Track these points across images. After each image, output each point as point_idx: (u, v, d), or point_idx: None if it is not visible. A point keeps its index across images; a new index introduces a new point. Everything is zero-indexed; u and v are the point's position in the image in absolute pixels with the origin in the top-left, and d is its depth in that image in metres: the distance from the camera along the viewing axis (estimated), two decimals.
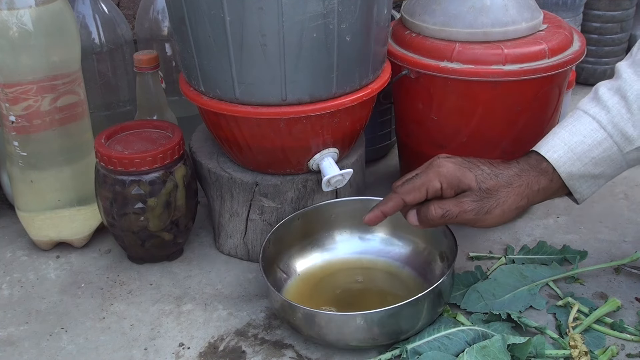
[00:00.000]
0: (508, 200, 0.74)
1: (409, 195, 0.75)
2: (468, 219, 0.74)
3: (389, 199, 0.76)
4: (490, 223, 0.75)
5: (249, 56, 0.74)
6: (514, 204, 0.74)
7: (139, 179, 0.81)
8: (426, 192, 0.74)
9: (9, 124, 0.83)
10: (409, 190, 0.75)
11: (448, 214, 0.73)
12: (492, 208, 0.73)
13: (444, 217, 0.73)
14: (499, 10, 0.84)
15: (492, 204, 0.73)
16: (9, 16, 0.78)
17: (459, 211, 0.73)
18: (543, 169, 0.75)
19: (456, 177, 0.74)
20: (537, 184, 0.75)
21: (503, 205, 0.74)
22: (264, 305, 0.81)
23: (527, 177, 0.75)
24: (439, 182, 0.74)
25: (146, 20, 1.07)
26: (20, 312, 0.81)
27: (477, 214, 0.73)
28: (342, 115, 0.80)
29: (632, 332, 0.75)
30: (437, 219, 0.74)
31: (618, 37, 1.36)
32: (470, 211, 0.73)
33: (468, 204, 0.73)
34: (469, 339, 0.71)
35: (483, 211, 0.73)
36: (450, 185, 0.74)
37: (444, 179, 0.74)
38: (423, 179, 0.74)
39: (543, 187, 0.75)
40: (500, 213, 0.74)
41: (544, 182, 0.75)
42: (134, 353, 0.75)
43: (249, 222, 0.86)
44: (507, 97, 0.85)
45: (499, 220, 0.74)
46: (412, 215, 0.76)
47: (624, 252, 0.89)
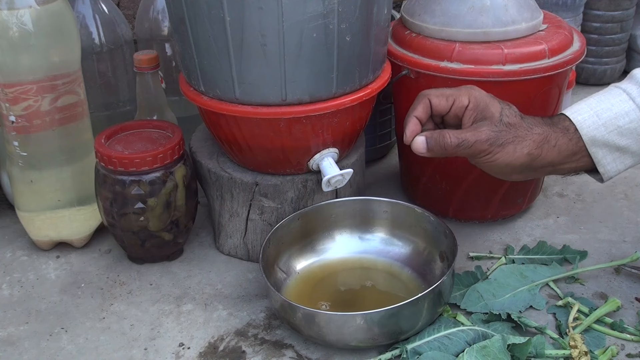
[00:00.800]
0: (524, 141, 0.72)
1: (435, 98, 0.74)
2: (482, 149, 0.72)
3: (417, 103, 0.75)
4: (500, 160, 0.72)
5: (249, 56, 0.74)
6: (527, 147, 0.72)
7: (139, 179, 0.81)
8: (452, 104, 0.74)
9: (9, 124, 0.83)
10: (437, 94, 0.74)
11: (464, 142, 0.72)
12: (507, 142, 0.72)
13: (459, 145, 0.72)
14: (499, 10, 0.84)
15: (508, 138, 0.72)
16: (9, 16, 0.78)
17: (475, 139, 0.72)
18: (565, 127, 0.74)
19: (484, 101, 0.73)
20: (554, 139, 0.73)
21: (518, 144, 0.72)
22: (264, 305, 0.81)
23: (547, 129, 0.73)
24: (468, 99, 0.73)
25: (146, 20, 1.07)
26: (20, 312, 0.81)
27: (491, 144, 0.72)
28: (342, 115, 0.80)
29: (632, 332, 0.75)
30: (451, 147, 0.72)
31: (618, 37, 1.36)
32: (485, 140, 0.72)
33: (485, 133, 0.72)
34: (469, 339, 0.71)
35: (498, 143, 0.72)
36: (476, 106, 0.73)
37: (473, 98, 0.73)
38: (453, 91, 0.74)
39: (559, 145, 0.73)
40: (512, 150, 0.72)
41: (563, 140, 0.73)
42: (134, 353, 0.75)
43: (249, 222, 0.86)
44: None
45: (510, 158, 0.72)
46: (420, 142, 0.74)
47: (624, 252, 0.89)
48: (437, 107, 0.74)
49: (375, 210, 0.87)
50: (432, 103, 0.74)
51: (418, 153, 0.74)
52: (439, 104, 0.74)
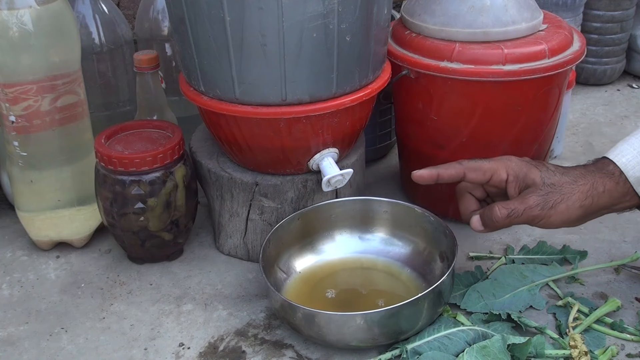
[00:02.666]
0: (573, 196, 0.73)
1: (472, 173, 0.75)
2: (534, 215, 0.73)
3: (451, 166, 0.76)
4: (555, 220, 0.73)
5: (249, 56, 0.74)
6: (578, 200, 0.73)
7: (139, 179, 0.81)
8: (490, 177, 0.75)
9: (9, 124, 0.83)
10: (474, 168, 0.75)
11: (513, 212, 0.73)
12: (556, 203, 0.72)
13: (509, 216, 0.73)
14: (499, 10, 0.84)
15: (556, 199, 0.72)
16: (9, 16, 0.78)
17: (524, 208, 0.72)
18: (609, 171, 0.74)
19: (523, 170, 0.74)
20: (602, 185, 0.73)
21: (568, 201, 0.72)
22: (264, 305, 0.81)
23: (591, 178, 0.74)
24: (506, 173, 0.74)
25: (146, 20, 1.07)
26: (20, 312, 0.81)
27: (542, 208, 0.72)
28: (342, 115, 0.80)
29: (632, 332, 0.75)
30: (502, 220, 0.73)
31: (618, 37, 1.36)
32: (535, 206, 0.72)
33: (532, 199, 0.73)
34: (469, 339, 0.71)
35: (548, 205, 0.72)
36: (516, 178, 0.74)
37: (511, 170, 0.74)
38: (491, 164, 0.75)
39: (609, 189, 0.73)
40: (565, 208, 0.72)
41: (610, 184, 0.73)
42: (134, 353, 0.75)
43: (249, 222, 0.86)
44: (507, 97, 0.85)
45: (564, 216, 0.73)
46: (475, 220, 0.76)
47: (624, 252, 0.89)
48: (472, 180, 0.76)
49: (375, 210, 0.87)
50: (466, 177, 0.76)
51: (477, 231, 0.76)
52: (474, 178, 0.76)
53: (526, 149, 0.90)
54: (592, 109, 1.32)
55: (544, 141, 0.92)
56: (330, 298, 0.81)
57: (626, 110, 1.31)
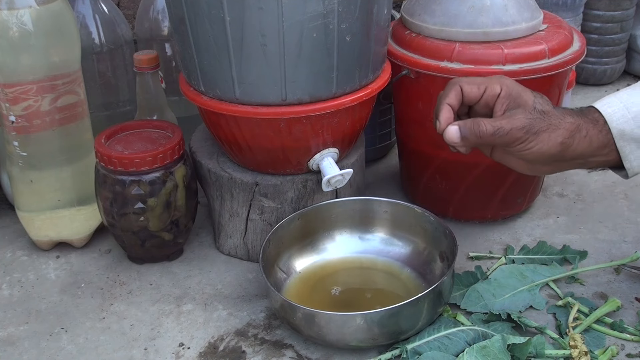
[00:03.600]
0: (558, 130, 0.71)
1: (467, 86, 0.73)
2: (517, 136, 0.70)
3: (449, 90, 0.73)
4: (533, 148, 0.71)
5: (249, 56, 0.74)
6: (561, 136, 0.71)
7: (139, 179, 0.81)
8: (484, 91, 0.72)
9: (9, 124, 0.83)
10: (469, 82, 0.73)
11: (500, 130, 0.70)
12: (541, 130, 0.71)
13: (494, 134, 0.70)
14: (499, 10, 0.84)
15: (542, 126, 0.71)
16: (9, 16, 0.78)
17: (510, 127, 0.70)
18: (594, 118, 0.73)
19: (516, 89, 0.72)
20: (585, 130, 0.72)
21: (552, 132, 0.71)
22: (264, 305, 0.81)
23: (579, 119, 0.72)
24: (500, 87, 0.72)
25: (146, 20, 1.07)
26: (20, 312, 0.81)
27: (527, 132, 0.70)
28: (342, 115, 0.80)
29: (632, 332, 0.75)
30: (487, 135, 0.71)
31: (618, 37, 1.36)
32: (521, 128, 0.70)
33: (520, 120, 0.70)
34: (469, 339, 0.71)
35: (533, 130, 0.70)
36: (509, 94, 0.72)
37: (505, 86, 0.72)
38: (485, 79, 0.73)
39: (590, 136, 0.72)
40: (547, 138, 0.71)
41: (593, 131, 0.72)
42: (134, 353, 0.75)
43: (249, 222, 0.86)
44: None
45: (543, 147, 0.71)
46: (453, 130, 0.72)
47: (624, 252, 0.89)
48: (468, 95, 0.73)
49: (375, 210, 0.87)
50: (463, 90, 0.73)
51: (451, 143, 0.73)
52: (470, 92, 0.73)
53: None
54: None
55: None
56: (334, 295, 0.81)
57: None
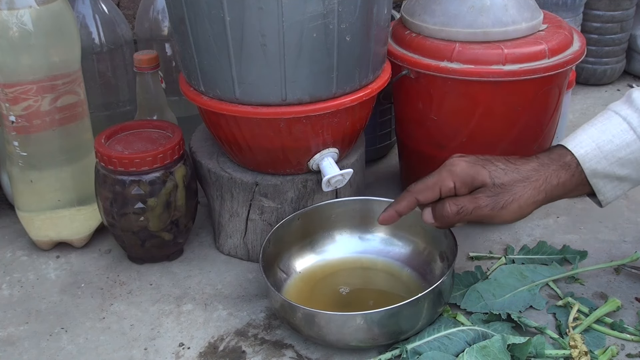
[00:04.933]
0: (525, 195, 0.73)
1: (422, 194, 0.75)
2: (484, 214, 0.73)
3: (402, 199, 0.76)
4: (507, 218, 0.73)
5: (249, 56, 0.74)
6: (530, 198, 0.73)
7: (139, 179, 0.81)
8: (439, 191, 0.74)
9: (9, 124, 0.83)
10: (422, 189, 0.75)
11: (463, 210, 0.73)
12: (507, 203, 0.72)
13: (459, 213, 0.73)
14: (499, 10, 0.84)
15: (507, 199, 0.72)
16: (9, 16, 0.78)
17: (473, 207, 0.73)
18: (566, 162, 0.74)
19: (469, 175, 0.74)
20: (556, 178, 0.74)
21: (520, 200, 0.73)
22: (264, 305, 0.81)
23: (545, 172, 0.74)
24: (452, 181, 0.74)
25: (146, 20, 1.07)
26: (20, 312, 0.81)
27: (492, 209, 0.72)
28: (342, 115, 0.80)
29: (632, 332, 0.75)
30: (452, 216, 0.73)
31: (618, 37, 1.36)
32: (485, 206, 0.72)
33: (482, 200, 0.73)
34: (469, 339, 0.71)
35: (498, 206, 0.72)
36: (464, 184, 0.74)
37: (457, 177, 0.74)
38: (436, 179, 0.74)
39: (563, 182, 0.74)
40: (517, 208, 0.73)
41: (565, 176, 0.74)
42: (134, 353, 0.75)
43: (249, 222, 0.86)
44: (507, 97, 0.85)
45: (516, 214, 0.73)
46: (427, 213, 0.75)
47: (624, 252, 0.89)
48: (426, 201, 0.75)
49: (375, 210, 0.86)
50: (419, 200, 0.75)
51: (428, 224, 0.76)
52: (426, 198, 0.75)
53: (526, 149, 0.90)
54: (592, 109, 1.32)
55: (543, 141, 0.92)
56: (337, 295, 0.81)
57: None
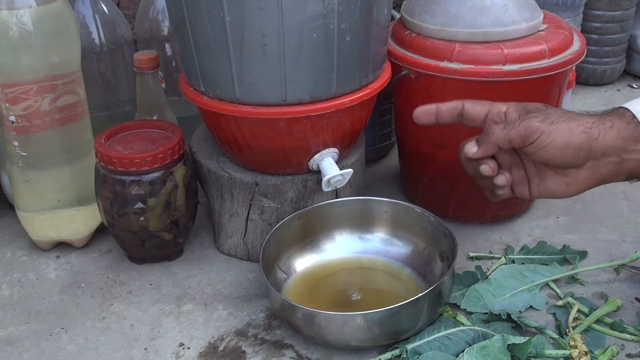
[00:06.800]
0: (577, 120, 0.67)
1: (470, 104, 0.72)
2: (532, 125, 0.67)
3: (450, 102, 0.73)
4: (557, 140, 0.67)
5: (249, 56, 0.74)
6: (582, 125, 0.67)
7: (139, 179, 0.81)
8: (488, 110, 0.71)
9: (9, 124, 0.83)
10: (472, 101, 0.72)
11: (510, 124, 0.69)
12: (558, 120, 0.67)
13: (505, 127, 0.69)
14: (499, 10, 0.84)
15: (558, 117, 0.67)
16: (9, 16, 0.78)
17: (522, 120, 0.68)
18: (621, 112, 0.68)
19: (522, 104, 0.71)
20: (610, 121, 0.67)
21: (570, 122, 0.67)
22: (264, 305, 0.81)
23: (599, 116, 0.68)
24: (505, 105, 0.71)
25: (146, 20, 1.07)
26: (20, 312, 0.81)
27: (542, 121, 0.67)
28: (342, 115, 0.80)
29: (632, 332, 0.75)
30: (498, 132, 0.69)
31: (618, 37, 1.36)
32: (534, 118, 0.68)
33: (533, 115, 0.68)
34: (469, 339, 0.71)
35: (549, 120, 0.67)
36: (516, 108, 0.71)
37: (510, 104, 0.71)
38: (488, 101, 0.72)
39: (617, 126, 0.67)
40: (567, 128, 0.67)
41: (620, 123, 0.67)
42: (134, 353, 0.75)
43: (249, 222, 0.86)
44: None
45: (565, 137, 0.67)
46: (470, 144, 0.72)
47: (624, 252, 0.89)
48: (470, 111, 0.72)
49: (375, 210, 0.87)
50: (465, 107, 0.73)
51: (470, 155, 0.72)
52: (472, 109, 0.72)
53: None
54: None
55: None
56: (331, 297, 0.81)
57: None
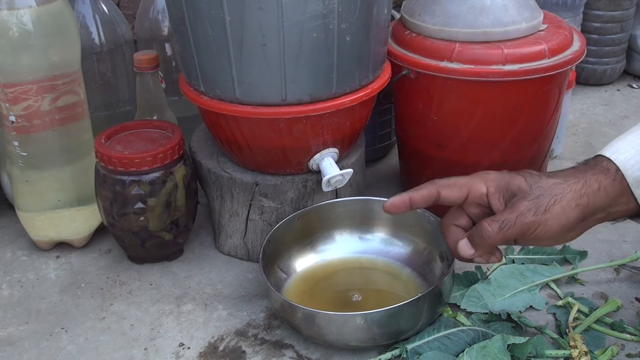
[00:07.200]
0: (566, 196, 0.64)
1: (447, 190, 0.67)
2: (528, 222, 0.64)
3: (423, 187, 0.68)
4: (552, 225, 0.64)
5: (249, 56, 0.74)
6: (572, 200, 0.64)
7: (139, 179, 0.81)
8: (467, 193, 0.67)
9: (9, 124, 0.83)
10: (448, 185, 0.68)
11: (505, 223, 0.64)
12: (550, 205, 0.64)
13: (501, 229, 0.64)
14: (499, 10, 0.84)
15: (548, 201, 0.64)
16: (9, 16, 0.78)
17: (516, 216, 0.64)
18: (604, 167, 0.66)
19: (504, 179, 0.67)
20: (596, 183, 0.65)
21: (562, 202, 0.64)
22: (264, 305, 0.81)
23: (582, 176, 0.66)
24: (485, 186, 0.67)
25: (146, 20, 1.07)
26: (20, 312, 0.81)
27: (535, 213, 0.64)
28: (342, 115, 0.80)
29: (632, 332, 0.75)
30: (494, 234, 0.65)
31: (618, 37, 1.36)
32: (527, 212, 0.64)
33: (523, 205, 0.64)
34: (469, 339, 0.71)
35: (541, 209, 0.64)
36: (498, 188, 0.67)
37: (490, 182, 0.67)
38: (466, 180, 0.68)
39: (604, 187, 0.65)
40: (561, 210, 0.64)
41: (605, 181, 0.65)
42: (134, 353, 0.75)
43: (249, 222, 0.86)
44: (507, 97, 0.85)
45: (561, 219, 0.64)
46: (463, 244, 0.68)
47: (624, 252, 0.89)
48: (447, 198, 0.68)
49: (375, 210, 0.87)
50: (441, 195, 0.68)
51: (467, 257, 0.68)
52: (450, 196, 0.68)
53: (526, 149, 0.90)
54: (592, 109, 1.32)
55: (544, 141, 0.92)
56: (331, 297, 0.81)
57: (626, 110, 1.31)
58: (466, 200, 0.68)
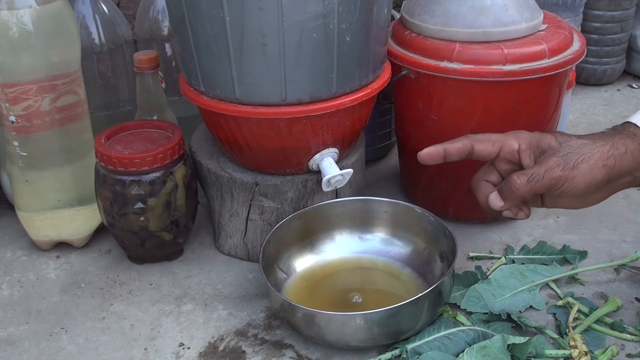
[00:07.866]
0: (594, 155, 0.68)
1: (480, 144, 0.71)
2: (556, 176, 0.68)
3: (458, 140, 0.72)
4: (579, 182, 0.68)
5: (249, 56, 0.74)
6: (600, 160, 0.68)
7: (139, 179, 0.81)
8: (500, 149, 0.71)
9: (9, 124, 0.83)
10: (482, 139, 0.71)
11: (534, 177, 0.68)
12: (578, 162, 0.68)
13: (529, 181, 0.68)
14: (499, 10, 0.84)
15: (577, 158, 0.68)
16: (9, 16, 0.78)
17: (544, 170, 0.68)
18: (631, 132, 0.69)
19: (535, 137, 0.70)
20: (623, 146, 0.68)
21: (589, 160, 0.68)
22: (264, 305, 0.81)
23: (610, 139, 0.69)
24: (517, 143, 0.70)
25: (146, 20, 1.07)
26: (20, 312, 0.81)
27: (563, 169, 0.68)
28: (342, 115, 0.80)
29: (632, 332, 0.75)
30: (522, 187, 0.68)
31: (618, 37, 1.36)
32: (556, 167, 0.68)
33: (552, 160, 0.68)
34: (469, 339, 0.71)
35: (569, 165, 0.68)
36: (529, 145, 0.70)
37: (522, 140, 0.70)
38: (500, 136, 0.71)
39: (631, 150, 0.68)
40: (588, 168, 0.67)
41: (632, 145, 0.68)
42: (134, 353, 0.75)
43: (249, 222, 0.86)
44: (507, 97, 0.85)
45: (588, 177, 0.68)
46: (494, 197, 0.71)
47: (624, 252, 0.89)
48: (481, 152, 0.72)
49: (375, 210, 0.87)
50: (475, 149, 0.72)
51: (497, 208, 0.72)
52: (483, 150, 0.71)
53: None
54: (592, 109, 1.32)
55: None
56: (331, 297, 0.81)
57: (626, 110, 1.31)
58: (498, 156, 0.72)
